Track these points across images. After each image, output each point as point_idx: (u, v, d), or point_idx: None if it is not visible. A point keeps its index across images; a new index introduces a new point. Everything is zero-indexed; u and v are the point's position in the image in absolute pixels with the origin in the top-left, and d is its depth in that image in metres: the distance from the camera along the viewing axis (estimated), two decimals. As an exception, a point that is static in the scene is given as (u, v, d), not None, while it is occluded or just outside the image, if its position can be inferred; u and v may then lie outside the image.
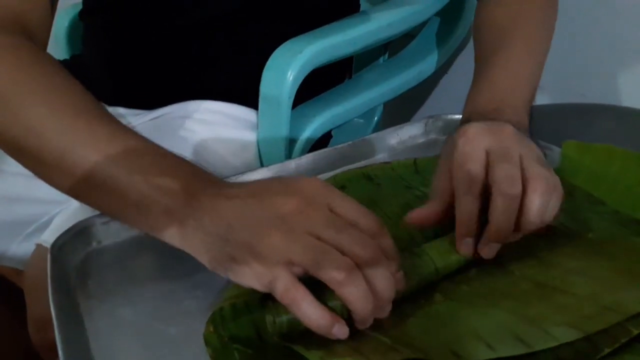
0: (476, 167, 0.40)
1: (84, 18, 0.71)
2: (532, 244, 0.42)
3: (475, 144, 0.41)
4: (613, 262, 0.40)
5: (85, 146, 0.39)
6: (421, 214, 0.42)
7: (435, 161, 0.56)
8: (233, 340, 0.37)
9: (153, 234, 0.38)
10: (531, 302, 0.37)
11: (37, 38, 0.47)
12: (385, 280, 0.33)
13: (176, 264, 0.45)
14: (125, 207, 0.38)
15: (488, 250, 0.40)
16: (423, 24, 0.71)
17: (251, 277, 0.33)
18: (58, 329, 0.37)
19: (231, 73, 0.66)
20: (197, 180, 0.38)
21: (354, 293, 0.32)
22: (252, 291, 0.34)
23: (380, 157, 0.59)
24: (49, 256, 0.44)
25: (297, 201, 0.34)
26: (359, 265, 0.33)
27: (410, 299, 0.38)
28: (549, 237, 0.43)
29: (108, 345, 0.38)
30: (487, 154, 0.41)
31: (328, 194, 0.35)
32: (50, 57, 0.45)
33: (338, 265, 0.32)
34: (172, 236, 0.37)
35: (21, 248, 0.63)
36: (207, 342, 0.36)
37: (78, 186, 0.40)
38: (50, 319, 0.38)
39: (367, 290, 0.32)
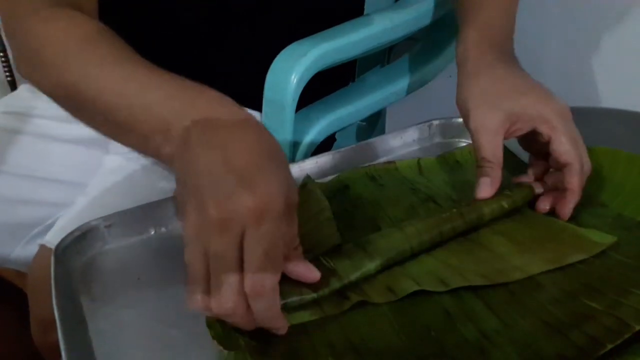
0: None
1: None
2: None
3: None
4: (532, 231, 0.45)
5: (147, 86, 0.40)
6: (488, 191, 0.46)
7: (438, 162, 0.56)
8: (236, 331, 0.36)
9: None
10: (458, 254, 0.43)
11: (85, 12, 0.48)
12: (264, 311, 0.35)
13: (179, 267, 0.45)
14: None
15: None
16: (427, 28, 0.71)
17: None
18: (61, 331, 0.37)
19: (235, 75, 0.66)
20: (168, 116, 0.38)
21: (235, 318, 0.35)
22: None
23: (384, 160, 0.59)
24: (52, 258, 0.44)
25: (221, 221, 0.33)
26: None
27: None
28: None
29: (111, 347, 0.38)
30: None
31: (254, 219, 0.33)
32: (106, 28, 0.46)
33: (221, 303, 0.34)
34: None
35: (25, 251, 0.63)
36: (209, 326, 0.36)
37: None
38: (53, 320, 0.38)
39: (249, 318, 0.35)
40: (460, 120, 0.62)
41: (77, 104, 0.43)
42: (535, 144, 0.48)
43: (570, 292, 0.39)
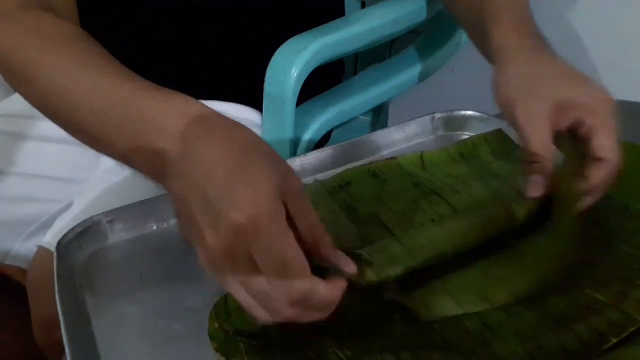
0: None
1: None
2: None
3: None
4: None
5: (115, 99, 0.38)
6: (541, 190, 0.43)
7: (441, 154, 0.56)
8: (238, 334, 0.36)
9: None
10: (501, 265, 0.40)
11: (58, 13, 0.47)
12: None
13: (182, 262, 0.45)
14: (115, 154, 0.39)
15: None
16: (429, 20, 0.70)
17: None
18: (65, 327, 0.37)
19: (234, 73, 0.66)
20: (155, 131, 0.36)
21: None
22: None
23: (387, 154, 0.58)
24: (55, 255, 0.44)
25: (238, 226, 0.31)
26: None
27: None
28: None
29: (114, 342, 0.38)
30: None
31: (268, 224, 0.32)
32: (80, 31, 0.45)
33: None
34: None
35: (24, 247, 0.64)
36: (212, 337, 0.36)
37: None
38: (55, 319, 0.38)
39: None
40: (463, 113, 0.62)
41: (49, 114, 0.43)
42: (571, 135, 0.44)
43: (575, 284, 0.39)
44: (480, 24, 0.51)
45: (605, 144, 0.42)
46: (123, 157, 0.38)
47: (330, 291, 0.33)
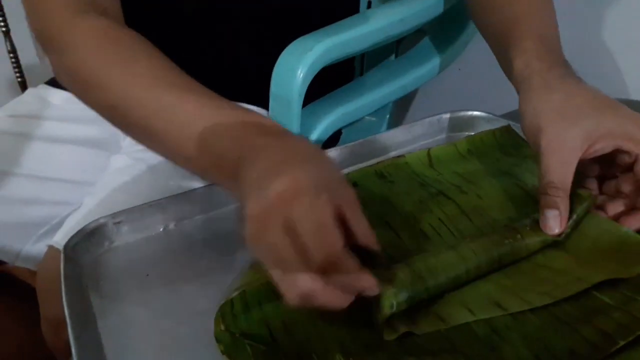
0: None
1: None
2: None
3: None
4: (593, 241, 0.42)
5: (197, 117, 0.41)
6: (557, 226, 0.42)
7: (448, 151, 0.55)
8: (244, 337, 0.36)
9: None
10: (512, 275, 0.40)
11: (110, 17, 0.48)
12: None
13: (188, 264, 0.45)
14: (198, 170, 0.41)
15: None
16: (436, 20, 0.70)
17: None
18: (71, 328, 0.38)
19: (241, 72, 0.66)
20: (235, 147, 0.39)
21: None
22: (264, 280, 0.35)
23: (394, 154, 0.58)
24: (62, 256, 0.44)
25: (286, 197, 0.33)
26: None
27: None
28: None
29: (121, 344, 0.38)
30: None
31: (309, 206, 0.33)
32: (137, 35, 0.46)
33: (291, 290, 0.33)
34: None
35: (33, 249, 0.64)
36: (218, 340, 0.36)
37: (181, 146, 0.41)
38: (64, 320, 0.39)
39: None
40: (470, 113, 0.62)
41: (121, 124, 0.45)
42: (610, 162, 0.44)
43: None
44: (505, 48, 0.50)
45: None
46: (202, 169, 0.40)
47: (360, 273, 0.34)
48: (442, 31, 0.77)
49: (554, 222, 0.41)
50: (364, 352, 0.35)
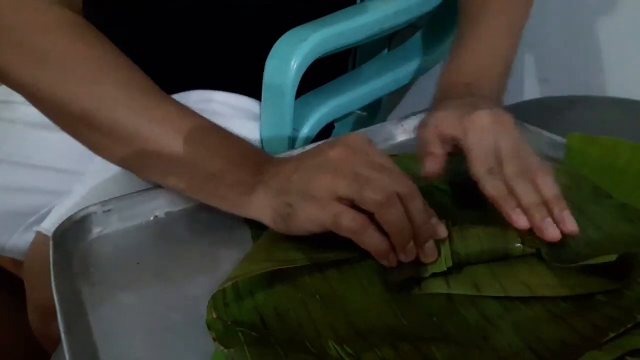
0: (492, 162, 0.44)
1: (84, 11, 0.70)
2: None
3: (487, 142, 0.44)
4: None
5: (161, 123, 0.43)
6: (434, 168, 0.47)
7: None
8: (237, 325, 0.36)
9: (221, 203, 0.43)
10: (520, 270, 0.40)
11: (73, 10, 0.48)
12: (420, 212, 0.38)
13: (179, 251, 0.45)
14: (199, 179, 0.43)
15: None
16: (429, 15, 0.70)
17: (307, 220, 0.38)
18: (61, 315, 0.37)
19: (234, 63, 0.65)
20: (259, 153, 0.44)
21: (392, 214, 0.37)
22: (257, 272, 0.36)
23: (385, 148, 0.58)
24: (51, 243, 0.43)
25: (342, 149, 0.39)
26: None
27: None
28: None
29: (111, 331, 0.38)
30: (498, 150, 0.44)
31: (368, 147, 0.40)
32: (104, 37, 0.46)
33: (378, 191, 0.37)
34: (242, 204, 0.41)
35: (21, 239, 0.63)
36: (210, 327, 0.36)
37: (149, 160, 0.43)
38: (52, 308, 0.38)
39: (404, 214, 0.37)
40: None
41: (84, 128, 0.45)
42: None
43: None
44: (456, 47, 0.56)
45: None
46: (210, 176, 0.42)
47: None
48: (435, 26, 0.77)
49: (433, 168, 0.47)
50: (357, 338, 0.35)
